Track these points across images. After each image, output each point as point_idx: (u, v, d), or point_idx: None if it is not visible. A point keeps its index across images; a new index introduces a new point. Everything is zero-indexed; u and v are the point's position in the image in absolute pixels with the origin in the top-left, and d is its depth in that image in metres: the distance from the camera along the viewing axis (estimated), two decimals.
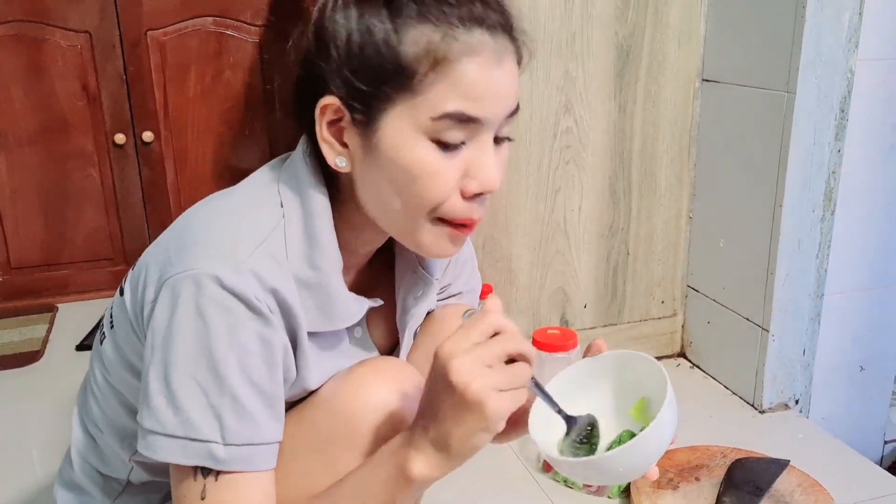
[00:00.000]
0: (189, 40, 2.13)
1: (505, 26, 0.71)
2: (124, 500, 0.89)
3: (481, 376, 0.62)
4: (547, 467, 1.41)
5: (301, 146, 0.78)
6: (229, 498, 0.69)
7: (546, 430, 0.75)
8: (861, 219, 1.54)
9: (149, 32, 2.10)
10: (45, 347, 1.89)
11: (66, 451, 0.93)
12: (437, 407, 0.65)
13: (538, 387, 0.71)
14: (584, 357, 0.79)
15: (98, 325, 2.03)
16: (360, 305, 0.80)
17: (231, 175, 2.24)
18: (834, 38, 1.41)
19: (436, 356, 0.64)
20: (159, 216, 2.21)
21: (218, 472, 0.69)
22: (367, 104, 0.70)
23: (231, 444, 0.69)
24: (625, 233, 1.73)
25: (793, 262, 1.52)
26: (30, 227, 2.13)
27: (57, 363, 1.83)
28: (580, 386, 0.78)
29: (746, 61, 1.55)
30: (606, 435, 0.77)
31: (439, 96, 0.68)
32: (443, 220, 0.74)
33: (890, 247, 1.58)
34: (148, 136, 2.14)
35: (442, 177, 0.70)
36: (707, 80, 1.66)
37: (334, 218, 0.76)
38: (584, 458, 0.71)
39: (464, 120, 0.69)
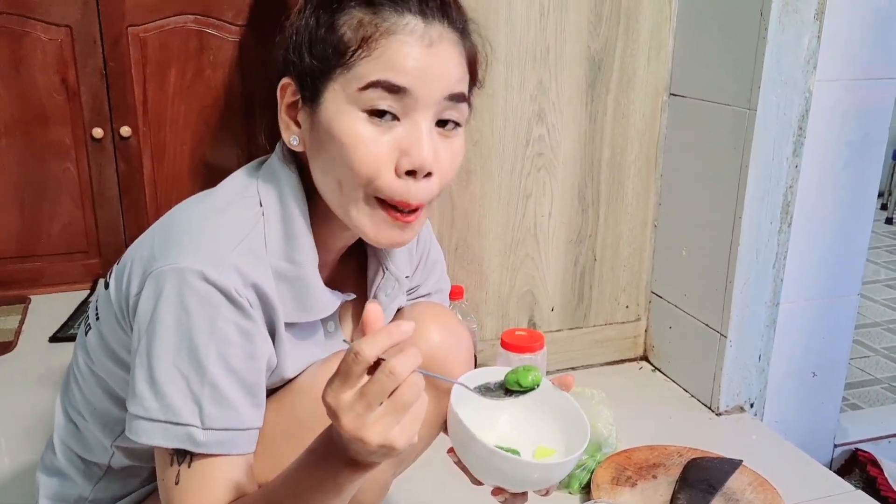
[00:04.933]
0: (170, 37, 2.15)
1: (443, 14, 0.76)
2: (104, 484, 0.92)
3: (375, 424, 0.61)
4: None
5: (278, 147, 0.84)
6: (199, 482, 0.73)
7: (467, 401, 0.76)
8: (816, 231, 1.60)
9: (130, 28, 2.11)
10: (17, 339, 1.90)
11: (48, 438, 0.96)
12: (348, 447, 0.65)
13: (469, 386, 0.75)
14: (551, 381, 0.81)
15: (72, 317, 2.05)
16: (335, 297, 0.85)
17: (208, 172, 2.26)
18: (794, 59, 1.48)
19: (326, 408, 0.64)
20: (135, 211, 2.23)
21: (192, 458, 0.73)
22: (314, 82, 0.76)
23: (210, 429, 0.73)
24: (592, 239, 1.79)
25: (750, 272, 1.59)
26: (5, 219, 2.13)
27: (30, 354, 1.83)
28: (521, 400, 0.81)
29: (711, 78, 1.61)
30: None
31: (366, 68, 0.74)
32: (380, 201, 0.77)
33: (843, 259, 1.64)
34: (126, 130, 2.16)
35: (371, 147, 0.74)
36: (674, 95, 1.72)
37: (310, 213, 0.81)
38: (502, 453, 0.72)
39: (390, 89, 0.73)
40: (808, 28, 1.47)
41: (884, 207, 3.92)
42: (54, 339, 1.89)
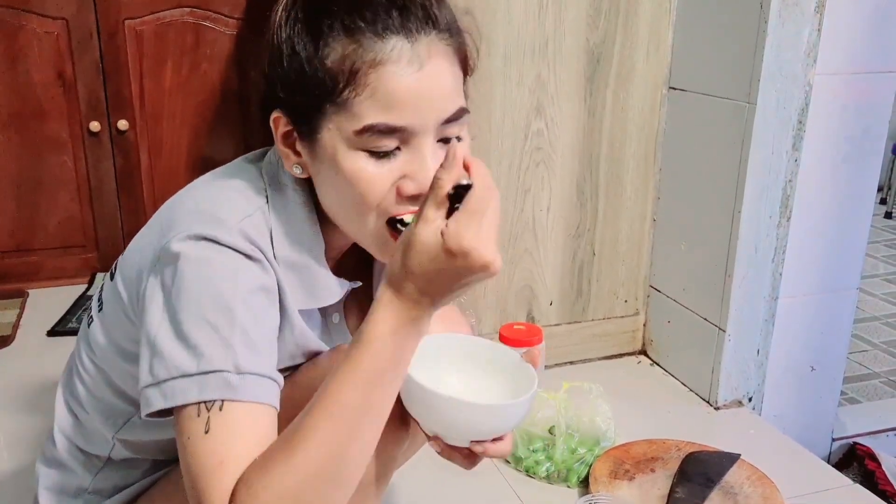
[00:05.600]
0: (167, 31, 2.14)
1: (427, 21, 0.72)
2: (104, 475, 0.92)
3: (495, 250, 0.65)
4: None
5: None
6: (232, 429, 0.69)
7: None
8: (815, 226, 1.60)
9: (126, 21, 2.10)
10: (15, 333, 1.90)
11: (46, 430, 0.96)
12: (448, 280, 0.66)
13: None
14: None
15: (70, 311, 2.04)
16: (342, 284, 0.85)
17: (205, 166, 2.22)
18: (793, 52, 1.47)
19: (417, 238, 0.65)
20: (132, 204, 2.22)
21: (223, 404, 0.69)
22: (307, 119, 0.75)
23: (245, 373, 0.70)
24: (591, 233, 1.79)
25: (749, 266, 1.59)
26: (2, 213, 2.13)
27: (28, 348, 1.83)
28: (479, 360, 0.84)
29: (711, 72, 1.60)
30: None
31: (359, 109, 0.71)
32: (387, 219, 0.77)
33: (842, 253, 1.64)
34: (123, 124, 2.15)
35: (374, 184, 0.74)
36: (673, 89, 1.72)
37: (314, 211, 0.81)
38: (438, 392, 0.73)
39: (386, 131, 0.72)
40: (808, 21, 1.46)
41: (883, 202, 3.92)
42: (52, 333, 1.89)
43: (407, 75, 0.71)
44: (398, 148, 0.73)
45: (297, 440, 0.67)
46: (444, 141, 0.75)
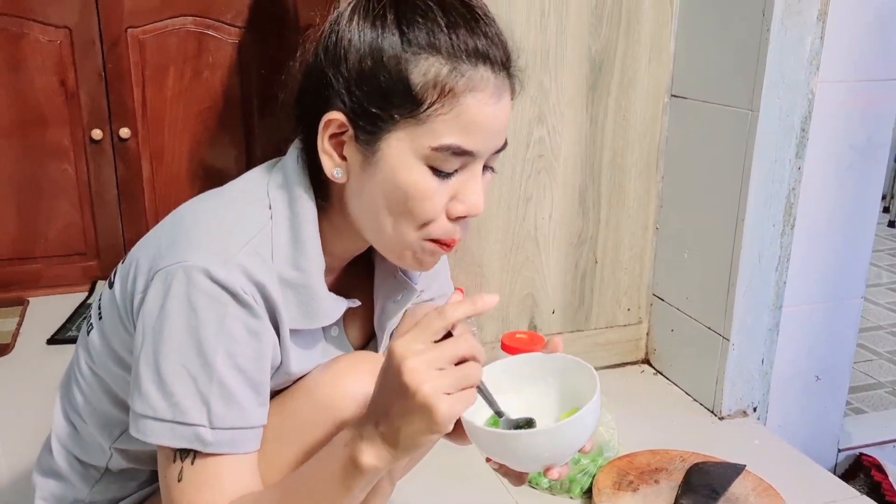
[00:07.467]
0: (169, 39, 2.14)
1: (505, 63, 0.75)
2: (102, 486, 0.91)
3: (432, 379, 0.63)
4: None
5: (293, 151, 0.81)
6: (203, 480, 0.73)
7: (479, 409, 0.76)
8: (819, 234, 1.60)
9: (129, 30, 2.11)
10: (15, 341, 1.89)
11: (45, 439, 0.95)
12: (389, 404, 0.66)
13: (481, 390, 0.73)
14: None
15: (70, 319, 2.04)
16: (340, 305, 0.84)
17: (206, 174, 2.25)
18: (796, 60, 1.47)
19: (390, 353, 0.66)
20: (134, 212, 2.22)
21: (196, 455, 0.72)
22: (373, 124, 0.74)
23: (218, 428, 0.72)
24: (593, 242, 1.78)
25: (753, 275, 1.58)
26: (3, 221, 2.13)
27: (27, 356, 1.83)
28: (521, 379, 0.81)
29: (713, 79, 1.60)
30: None
31: (441, 127, 0.72)
32: (424, 235, 0.78)
33: (846, 262, 1.63)
34: (125, 132, 2.15)
35: (434, 199, 0.75)
36: (675, 96, 1.71)
37: (320, 222, 0.80)
38: (495, 431, 0.73)
39: (459, 153, 0.73)
40: (810, 29, 1.46)
41: (886, 210, 3.91)
42: (52, 341, 1.88)
43: (489, 105, 0.73)
44: (457, 170, 0.75)
45: None
46: (484, 169, 0.78)
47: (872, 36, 1.50)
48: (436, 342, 0.66)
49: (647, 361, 1.89)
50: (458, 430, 0.86)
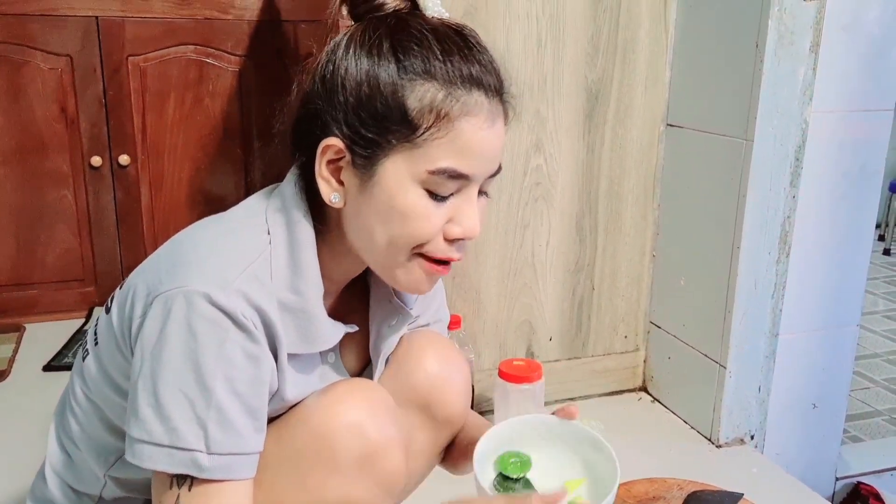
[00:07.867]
0: (170, 67, 2.16)
1: (498, 89, 0.78)
2: None
3: None
4: None
5: (291, 177, 0.83)
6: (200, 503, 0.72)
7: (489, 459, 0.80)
8: (814, 262, 1.60)
9: (130, 58, 2.12)
10: (11, 367, 1.88)
11: (39, 467, 0.95)
12: None
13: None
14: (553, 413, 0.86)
15: (67, 346, 2.03)
16: (338, 330, 0.84)
17: (206, 201, 2.26)
18: (790, 90, 1.49)
19: None
20: (132, 239, 2.22)
21: (193, 482, 0.72)
22: (370, 149, 0.75)
23: (215, 454, 0.72)
24: (590, 269, 1.79)
25: (749, 302, 1.58)
26: (1, 246, 2.13)
27: (23, 383, 1.81)
28: (537, 435, 0.84)
29: (708, 109, 1.62)
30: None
31: (437, 151, 0.74)
32: (421, 255, 0.79)
33: (842, 289, 1.64)
34: (124, 159, 2.16)
35: (430, 221, 0.76)
36: (671, 125, 1.73)
37: (318, 246, 0.80)
38: None
39: (455, 176, 0.75)
40: (803, 60, 1.48)
41: (881, 238, 3.93)
42: (48, 367, 1.87)
43: (483, 129, 0.76)
44: (452, 193, 0.77)
45: None
46: (479, 193, 0.80)
47: (865, 66, 1.52)
48: None
49: (644, 389, 1.89)
50: (454, 459, 0.86)
